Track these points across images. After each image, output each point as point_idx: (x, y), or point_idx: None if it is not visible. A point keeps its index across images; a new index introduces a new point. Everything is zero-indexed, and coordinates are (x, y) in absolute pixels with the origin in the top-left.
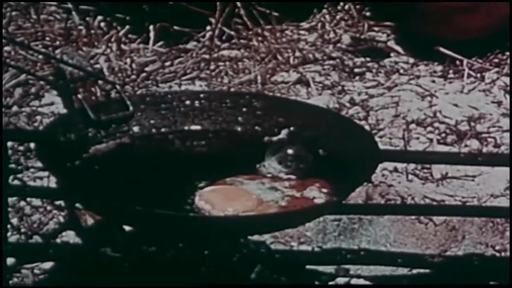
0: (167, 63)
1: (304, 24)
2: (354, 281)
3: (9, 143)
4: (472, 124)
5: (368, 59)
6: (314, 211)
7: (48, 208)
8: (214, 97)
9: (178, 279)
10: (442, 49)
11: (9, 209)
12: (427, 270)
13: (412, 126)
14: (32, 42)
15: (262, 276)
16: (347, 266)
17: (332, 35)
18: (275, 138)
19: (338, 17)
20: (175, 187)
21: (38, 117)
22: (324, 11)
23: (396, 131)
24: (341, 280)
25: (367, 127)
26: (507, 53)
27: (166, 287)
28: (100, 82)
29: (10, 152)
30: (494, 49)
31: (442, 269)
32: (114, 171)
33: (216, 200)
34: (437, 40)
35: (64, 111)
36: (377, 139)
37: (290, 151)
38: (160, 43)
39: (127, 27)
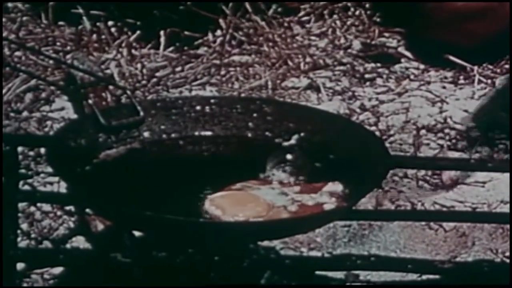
0: (178, 69)
1: (315, 30)
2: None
3: (20, 148)
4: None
5: (378, 64)
6: (324, 216)
7: (58, 213)
8: (224, 103)
9: (188, 284)
10: (451, 57)
11: (19, 214)
12: (437, 276)
13: (423, 132)
14: (43, 47)
15: (272, 281)
16: (357, 272)
17: (342, 40)
18: (285, 144)
19: (348, 22)
20: (186, 192)
21: (49, 122)
22: (335, 16)
23: (406, 137)
24: (350, 286)
25: (377, 133)
26: None
27: None
28: (110, 87)
29: (20, 157)
30: (504, 55)
31: (452, 275)
32: (125, 176)
33: (227, 205)
34: (447, 45)
35: (74, 116)
36: (387, 145)
37: (288, 157)
38: (171, 48)
39: (138, 32)
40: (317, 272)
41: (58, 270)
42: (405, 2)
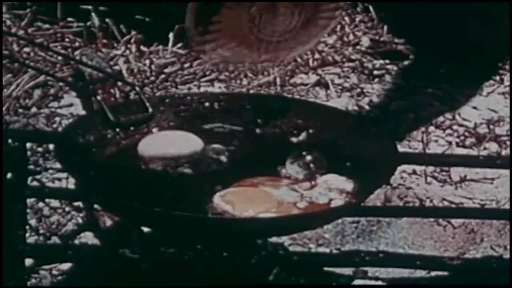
0: (186, 65)
1: None
2: (372, 283)
3: (28, 144)
4: (491, 127)
5: (387, 61)
6: (333, 213)
7: (67, 209)
8: (233, 99)
9: (196, 280)
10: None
11: (28, 210)
12: (445, 273)
13: (431, 128)
14: (52, 43)
15: (280, 277)
16: (365, 268)
17: (351, 37)
18: (294, 140)
19: (357, 19)
20: (195, 189)
21: (57, 119)
22: (344, 13)
23: (415, 134)
24: (359, 282)
25: (386, 130)
26: None
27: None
28: (119, 83)
29: (29, 153)
30: None
31: (460, 272)
32: (133, 172)
33: (236, 201)
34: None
35: (83, 112)
36: (396, 141)
37: (308, 157)
38: (179, 44)
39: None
40: (326, 269)
41: (66, 266)
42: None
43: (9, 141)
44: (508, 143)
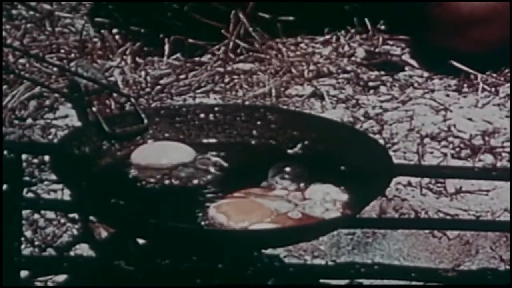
0: (182, 76)
1: (319, 38)
2: None
3: (24, 156)
4: (486, 138)
5: (382, 72)
6: (328, 225)
7: (62, 220)
8: (228, 110)
9: None
10: (456, 64)
11: (23, 221)
12: (441, 285)
13: (426, 140)
14: (47, 55)
15: None
16: (360, 280)
17: (346, 48)
18: (289, 152)
19: (352, 30)
20: (190, 200)
21: (53, 130)
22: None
23: (410, 145)
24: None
25: (381, 141)
26: None
27: None
28: (114, 95)
29: (24, 164)
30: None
31: (456, 284)
32: (128, 184)
33: (231, 212)
34: (452, 53)
35: (78, 124)
36: (391, 153)
37: (291, 165)
38: (175, 56)
39: (142, 39)
40: (321, 280)
41: (61, 277)
42: (410, 9)
43: (5, 152)
44: (503, 154)
